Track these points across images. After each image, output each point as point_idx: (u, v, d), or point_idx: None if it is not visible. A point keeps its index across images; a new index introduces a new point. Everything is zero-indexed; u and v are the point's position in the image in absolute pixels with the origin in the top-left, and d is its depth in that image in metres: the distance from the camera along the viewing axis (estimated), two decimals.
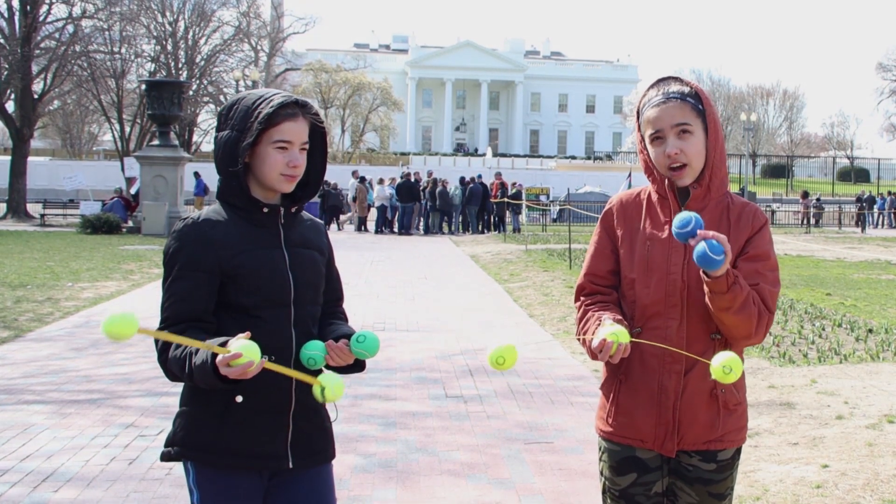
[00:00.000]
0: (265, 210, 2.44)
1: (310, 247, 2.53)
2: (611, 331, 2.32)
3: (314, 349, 2.40)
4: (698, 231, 2.27)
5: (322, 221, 2.79)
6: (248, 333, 2.21)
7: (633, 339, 2.40)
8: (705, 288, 2.35)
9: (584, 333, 2.51)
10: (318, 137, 2.55)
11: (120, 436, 5.54)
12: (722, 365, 2.27)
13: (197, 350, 2.25)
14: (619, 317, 2.50)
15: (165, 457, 2.45)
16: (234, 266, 2.37)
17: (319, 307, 2.55)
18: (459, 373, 7.48)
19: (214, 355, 2.19)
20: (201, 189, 33.17)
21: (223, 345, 2.20)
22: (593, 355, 2.39)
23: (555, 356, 8.30)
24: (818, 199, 42.10)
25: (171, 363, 2.33)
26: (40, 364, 7.63)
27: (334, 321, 2.59)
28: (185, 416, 2.44)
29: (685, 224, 2.28)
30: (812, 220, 38.67)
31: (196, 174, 33.73)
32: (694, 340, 2.46)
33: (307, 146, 2.47)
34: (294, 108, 2.41)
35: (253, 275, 2.36)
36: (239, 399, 2.37)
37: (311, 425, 2.50)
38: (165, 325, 2.37)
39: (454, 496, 4.60)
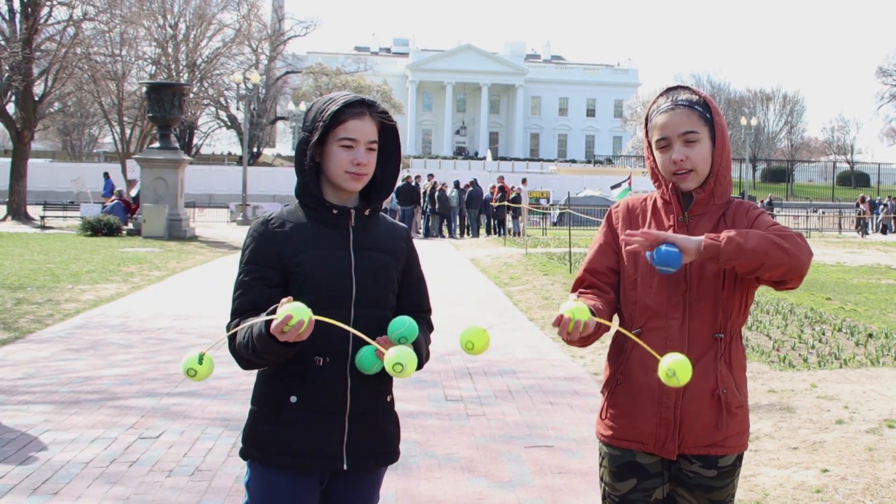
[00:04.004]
0: (334, 211, 2.47)
1: (381, 250, 2.52)
2: (569, 307, 2.30)
3: (364, 357, 2.38)
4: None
5: (406, 226, 2.79)
6: (289, 298, 2.25)
7: (594, 319, 2.36)
8: (715, 267, 2.40)
9: None
10: (389, 139, 2.56)
11: (120, 437, 5.54)
12: (668, 367, 2.22)
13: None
14: (602, 307, 2.49)
15: (240, 453, 2.52)
16: (294, 263, 2.41)
17: (388, 312, 2.50)
18: (459, 375, 7.48)
19: (268, 325, 2.24)
20: (109, 190, 32.97)
21: (272, 313, 2.27)
22: (564, 337, 2.35)
23: (554, 359, 8.30)
24: None
25: (240, 348, 2.38)
26: (41, 365, 7.63)
27: None
28: (250, 414, 2.51)
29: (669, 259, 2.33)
30: (879, 227, 36.69)
31: (105, 174, 33.85)
32: (696, 340, 2.47)
33: (375, 145, 2.49)
34: (360, 106, 2.45)
35: (311, 274, 2.38)
36: (293, 399, 2.40)
37: (368, 427, 2.48)
38: (232, 316, 2.46)
39: (454, 498, 4.60)
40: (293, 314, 2.19)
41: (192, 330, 9.48)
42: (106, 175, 33.78)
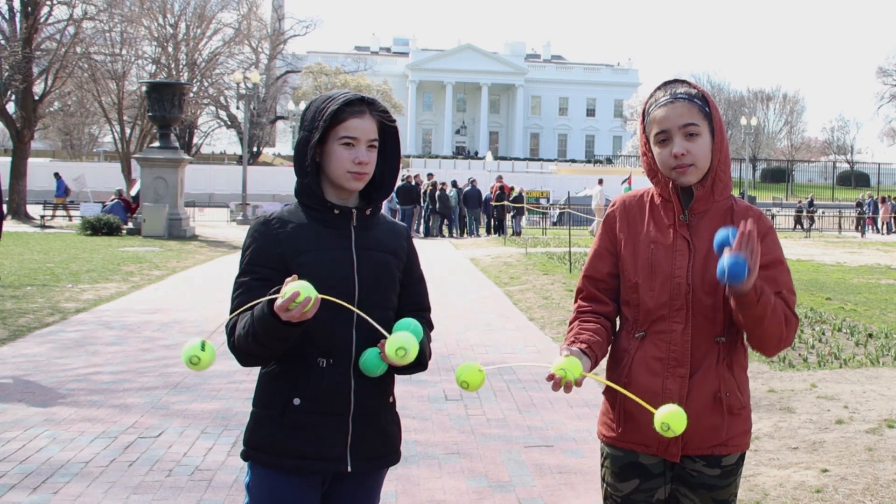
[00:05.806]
0: (336, 211, 2.45)
1: (383, 250, 2.51)
2: (559, 364, 2.30)
3: (368, 360, 2.39)
4: (727, 248, 2.25)
5: (405, 225, 2.78)
6: (294, 276, 2.22)
7: (585, 375, 2.38)
8: (733, 303, 2.34)
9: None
10: (389, 137, 2.54)
11: (120, 437, 5.54)
12: (661, 421, 2.18)
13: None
14: (598, 338, 2.49)
15: (241, 455, 2.50)
16: (297, 264, 2.39)
17: (390, 312, 2.49)
18: None
19: (271, 306, 2.22)
20: (62, 190, 33.05)
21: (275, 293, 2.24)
22: (555, 390, 2.41)
23: (554, 359, 8.29)
24: None
25: (240, 340, 2.34)
26: (40, 365, 7.63)
27: None
28: (251, 416, 2.49)
29: (724, 240, 2.27)
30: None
31: (56, 175, 33.93)
32: (699, 343, 2.45)
33: (376, 143, 2.47)
34: (360, 105, 2.44)
35: (314, 274, 2.34)
36: (297, 402, 2.39)
37: (372, 429, 2.47)
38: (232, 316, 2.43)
39: (454, 498, 4.60)
40: (300, 291, 2.16)
41: (193, 329, 9.47)
42: (57, 175, 33.88)
